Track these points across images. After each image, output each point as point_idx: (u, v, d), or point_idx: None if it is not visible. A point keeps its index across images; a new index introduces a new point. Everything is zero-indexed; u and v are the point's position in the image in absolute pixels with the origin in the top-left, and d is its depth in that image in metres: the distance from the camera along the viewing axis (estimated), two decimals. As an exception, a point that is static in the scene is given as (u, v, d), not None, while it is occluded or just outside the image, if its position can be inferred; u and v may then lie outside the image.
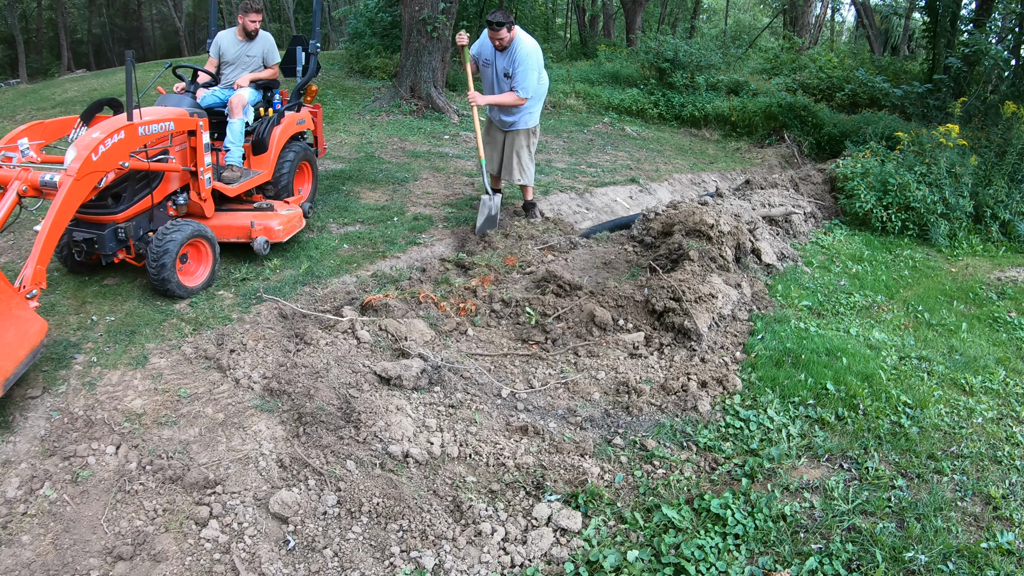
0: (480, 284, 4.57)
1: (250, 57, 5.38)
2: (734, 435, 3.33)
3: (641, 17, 20.47)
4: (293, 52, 5.66)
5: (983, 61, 10.32)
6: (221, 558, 2.53)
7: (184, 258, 4.08)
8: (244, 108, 4.94)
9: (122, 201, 3.97)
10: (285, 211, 4.71)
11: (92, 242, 3.89)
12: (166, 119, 4.01)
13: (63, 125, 4.09)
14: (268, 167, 5.05)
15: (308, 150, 5.58)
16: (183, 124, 4.15)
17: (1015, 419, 3.61)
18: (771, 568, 2.50)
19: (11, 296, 2.97)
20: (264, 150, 5.03)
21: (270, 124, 5.11)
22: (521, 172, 5.69)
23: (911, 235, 7.27)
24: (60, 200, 3.24)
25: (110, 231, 3.89)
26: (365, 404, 3.22)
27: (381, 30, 13.75)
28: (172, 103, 4.42)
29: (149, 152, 3.90)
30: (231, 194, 4.69)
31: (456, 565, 2.56)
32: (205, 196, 4.40)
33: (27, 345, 2.99)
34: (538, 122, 5.68)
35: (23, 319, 2.99)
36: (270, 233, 4.47)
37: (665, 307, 4.19)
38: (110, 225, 3.90)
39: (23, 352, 2.96)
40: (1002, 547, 2.58)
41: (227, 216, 4.60)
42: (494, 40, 5.18)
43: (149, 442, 2.96)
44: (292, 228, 4.68)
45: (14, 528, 2.57)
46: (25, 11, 28.85)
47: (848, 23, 34.40)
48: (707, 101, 12.56)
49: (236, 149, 4.90)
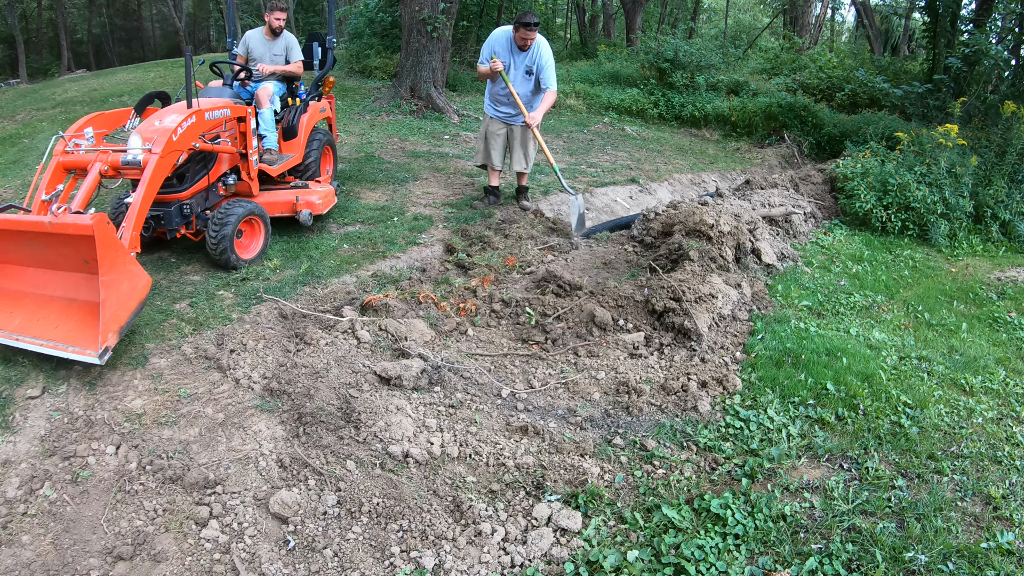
0: (480, 284, 4.57)
1: (275, 55, 5.81)
2: (734, 435, 3.33)
3: (641, 17, 20.47)
4: (310, 47, 6.11)
5: (983, 61, 10.32)
6: (221, 558, 2.53)
7: (239, 233, 4.49)
8: (271, 98, 5.34)
9: (185, 181, 4.38)
10: (321, 188, 5.29)
11: (159, 218, 4.26)
12: (224, 106, 4.52)
13: (120, 116, 4.51)
14: (299, 151, 5.56)
15: (330, 135, 6.16)
16: (236, 111, 4.67)
17: (1015, 419, 3.61)
18: (771, 568, 2.50)
19: (125, 253, 3.32)
20: (294, 136, 5.52)
21: (298, 112, 5.59)
22: (527, 162, 6.05)
23: (911, 235, 7.27)
24: (149, 174, 3.68)
25: (176, 208, 4.29)
26: (365, 404, 3.22)
27: (381, 30, 13.76)
28: (214, 95, 4.78)
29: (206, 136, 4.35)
30: (274, 174, 5.20)
31: (456, 565, 2.56)
32: (253, 176, 4.91)
33: (137, 297, 3.36)
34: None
35: (134, 274, 3.35)
36: (312, 207, 5.01)
37: (665, 307, 4.19)
38: (175, 203, 4.30)
39: (134, 303, 3.34)
40: (1002, 547, 2.58)
41: (272, 194, 5.11)
42: (523, 40, 5.50)
43: (149, 442, 2.96)
44: (328, 202, 5.26)
45: (14, 528, 2.57)
46: (25, 11, 28.85)
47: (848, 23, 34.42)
48: (707, 101, 12.56)
49: (271, 135, 5.30)
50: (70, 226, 3.16)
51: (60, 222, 3.18)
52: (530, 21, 5.43)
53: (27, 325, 3.39)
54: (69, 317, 3.38)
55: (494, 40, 5.68)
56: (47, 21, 29.98)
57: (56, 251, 3.38)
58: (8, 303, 3.52)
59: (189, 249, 4.78)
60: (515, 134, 5.93)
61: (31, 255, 3.51)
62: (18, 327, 3.39)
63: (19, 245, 3.47)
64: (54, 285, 3.51)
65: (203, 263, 4.59)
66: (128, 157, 3.79)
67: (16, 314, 3.47)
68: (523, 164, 6.03)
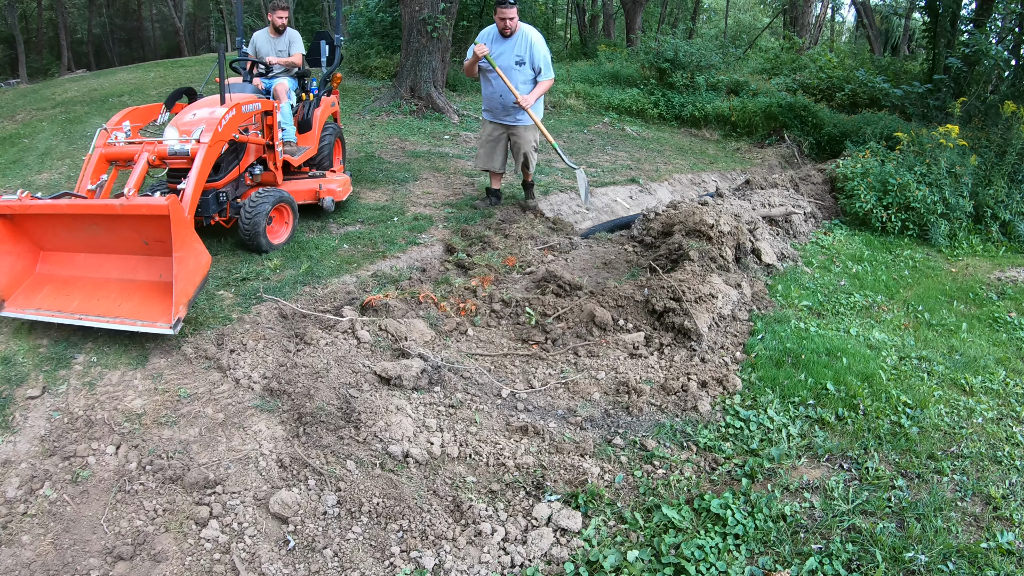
0: (480, 284, 4.57)
1: (280, 51, 6.12)
2: (734, 435, 3.32)
3: (641, 17, 20.47)
4: (317, 45, 6.37)
5: (983, 61, 10.31)
6: (221, 558, 2.53)
7: (269, 220, 4.73)
8: (287, 93, 5.58)
9: (220, 171, 4.61)
10: (339, 177, 5.72)
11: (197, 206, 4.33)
12: (255, 101, 4.86)
13: (152, 111, 4.81)
14: (314, 143, 5.84)
15: (339, 128, 6.46)
16: (266, 105, 5.01)
17: (1015, 419, 3.61)
18: (771, 568, 2.50)
19: (193, 232, 3.55)
20: (309, 129, 5.82)
21: (311, 107, 5.89)
22: (531, 162, 5.93)
23: (911, 235, 7.27)
24: (200, 162, 3.97)
25: (212, 196, 4.51)
26: (365, 404, 3.22)
27: (381, 30, 13.76)
28: (236, 91, 5.04)
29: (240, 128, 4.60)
30: (295, 164, 5.52)
31: (456, 565, 2.56)
32: (278, 166, 5.20)
33: (201, 272, 3.57)
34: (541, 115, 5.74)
35: (199, 251, 3.55)
36: (334, 194, 5.39)
37: (665, 307, 4.19)
38: (212, 191, 4.52)
39: (199, 279, 3.54)
40: (1002, 547, 2.58)
41: (295, 183, 5.42)
42: (503, 22, 5.31)
43: (149, 442, 2.96)
44: (347, 190, 5.65)
45: (14, 528, 2.57)
46: (25, 11, 28.85)
47: (848, 23, 34.42)
48: (707, 101, 12.56)
49: (290, 128, 5.52)
50: (143, 207, 3.37)
51: (133, 203, 3.38)
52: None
53: (87, 306, 3.56)
54: (130, 296, 3.58)
55: (479, 36, 5.58)
56: (47, 21, 29.97)
57: (116, 234, 3.59)
58: (63, 287, 3.69)
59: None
60: (513, 136, 5.78)
61: (85, 240, 3.70)
62: (78, 308, 3.56)
63: (74, 231, 3.65)
64: (108, 268, 3.71)
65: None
66: (175, 147, 4.06)
67: (73, 296, 3.63)
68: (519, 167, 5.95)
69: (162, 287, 3.57)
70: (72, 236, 3.71)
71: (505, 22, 5.31)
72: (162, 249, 3.55)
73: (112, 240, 3.64)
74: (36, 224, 3.69)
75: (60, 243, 3.78)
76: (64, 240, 3.75)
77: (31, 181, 6.20)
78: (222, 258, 4.68)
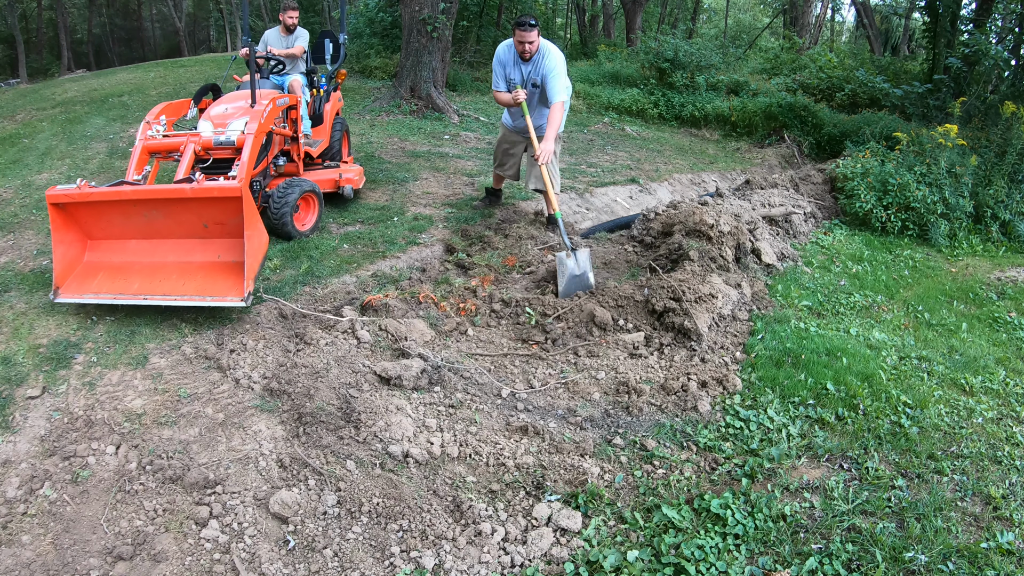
0: (480, 284, 4.57)
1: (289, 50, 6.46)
2: (734, 435, 3.32)
3: (641, 17, 20.47)
4: (322, 43, 6.59)
5: (983, 61, 10.32)
6: (221, 558, 2.53)
7: (296, 208, 4.92)
8: (302, 88, 5.83)
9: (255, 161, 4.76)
10: (354, 167, 6.07)
11: None
12: (284, 96, 5.18)
13: (182, 106, 5.08)
14: (326, 136, 6.13)
15: (345, 122, 6.73)
16: (293, 100, 5.30)
17: (1015, 419, 3.61)
18: (771, 568, 2.50)
19: (257, 213, 3.82)
20: (321, 122, 6.06)
21: (322, 101, 6.14)
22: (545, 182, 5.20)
23: (911, 235, 7.27)
24: (249, 150, 4.21)
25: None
26: (365, 404, 3.22)
27: (381, 30, 13.76)
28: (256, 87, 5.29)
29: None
30: (315, 155, 5.85)
31: (456, 565, 2.56)
32: (301, 157, 5.49)
33: (263, 250, 3.90)
34: (561, 130, 5.32)
35: (261, 231, 3.86)
36: (352, 182, 5.73)
37: (665, 307, 4.19)
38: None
39: (261, 256, 3.86)
40: (1002, 547, 2.58)
41: (316, 173, 5.67)
42: (524, 44, 4.87)
43: (149, 442, 2.96)
44: (362, 179, 6.01)
45: (14, 528, 2.57)
46: (25, 11, 28.85)
47: (848, 23, 34.41)
48: (707, 101, 12.56)
49: (306, 121, 5.72)
50: (215, 190, 3.63)
51: (205, 187, 3.63)
52: (524, 21, 4.82)
53: (149, 287, 3.72)
54: (191, 276, 3.76)
55: (501, 54, 5.10)
56: (47, 21, 29.97)
57: (175, 219, 3.79)
58: (118, 273, 3.84)
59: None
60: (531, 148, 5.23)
61: (139, 227, 3.86)
62: (139, 289, 3.71)
63: (129, 218, 3.81)
64: (163, 252, 3.90)
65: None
66: (221, 138, 4.36)
67: (132, 280, 3.78)
68: (535, 184, 5.36)
69: (221, 267, 3.80)
70: (126, 223, 3.86)
71: (524, 46, 4.88)
72: (221, 231, 3.82)
73: (169, 225, 3.83)
74: (89, 213, 3.81)
75: (112, 231, 3.91)
76: (117, 228, 3.89)
77: (31, 181, 6.20)
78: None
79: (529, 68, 5.03)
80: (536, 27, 4.87)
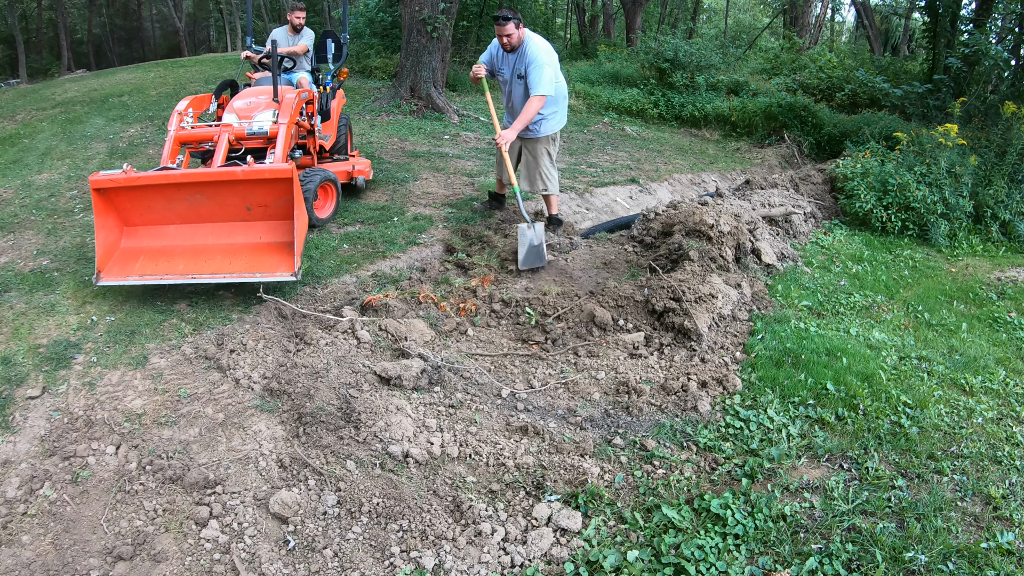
0: (480, 284, 4.57)
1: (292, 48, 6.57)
2: (734, 435, 3.32)
3: (641, 17, 20.47)
4: (324, 43, 6.72)
5: (983, 61, 10.32)
6: (221, 558, 2.53)
7: (316, 195, 5.11)
8: (309, 85, 5.99)
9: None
10: (363, 159, 6.44)
11: None
12: (305, 90, 5.39)
13: (204, 100, 5.29)
14: (333, 131, 6.28)
15: (349, 118, 6.97)
16: (311, 95, 5.53)
17: (1015, 419, 3.61)
18: (771, 568, 2.50)
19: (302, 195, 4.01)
20: (328, 118, 6.21)
21: (328, 98, 6.26)
22: (544, 180, 5.39)
23: (911, 235, 7.27)
24: (283, 139, 4.53)
25: None
26: (365, 404, 3.22)
27: (381, 30, 13.76)
28: (267, 83, 5.60)
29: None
30: (327, 147, 6.09)
31: (456, 565, 2.56)
32: (316, 149, 5.71)
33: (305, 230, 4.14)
34: (558, 130, 5.39)
35: (304, 211, 4.04)
36: (364, 173, 6.06)
37: (665, 307, 4.19)
38: None
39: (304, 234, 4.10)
40: (1002, 547, 2.58)
41: (330, 166, 5.88)
42: (502, 38, 4.94)
43: (149, 442, 2.96)
44: (371, 171, 6.30)
45: (14, 528, 2.57)
46: (25, 11, 28.84)
47: (848, 23, 34.42)
48: (707, 101, 12.56)
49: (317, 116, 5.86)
50: (267, 171, 3.82)
51: (256, 169, 3.81)
52: (499, 15, 4.84)
53: (195, 267, 3.85)
54: (236, 256, 3.92)
55: (492, 46, 5.22)
56: (47, 21, 29.97)
57: (219, 201, 3.94)
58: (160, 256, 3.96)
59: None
60: (523, 149, 5.40)
61: (180, 212, 3.99)
62: (184, 269, 3.84)
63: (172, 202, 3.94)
64: (204, 236, 4.04)
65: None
66: (254, 128, 4.61)
67: (177, 262, 3.91)
68: (540, 184, 5.39)
69: (265, 247, 3.99)
70: (168, 208, 3.97)
71: (503, 39, 4.95)
72: (263, 214, 4.00)
73: (212, 208, 3.97)
74: (131, 198, 3.91)
75: (152, 217, 4.02)
76: (157, 213, 4.00)
77: (31, 181, 6.20)
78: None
79: (514, 59, 5.10)
80: (511, 20, 4.87)
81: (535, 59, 4.90)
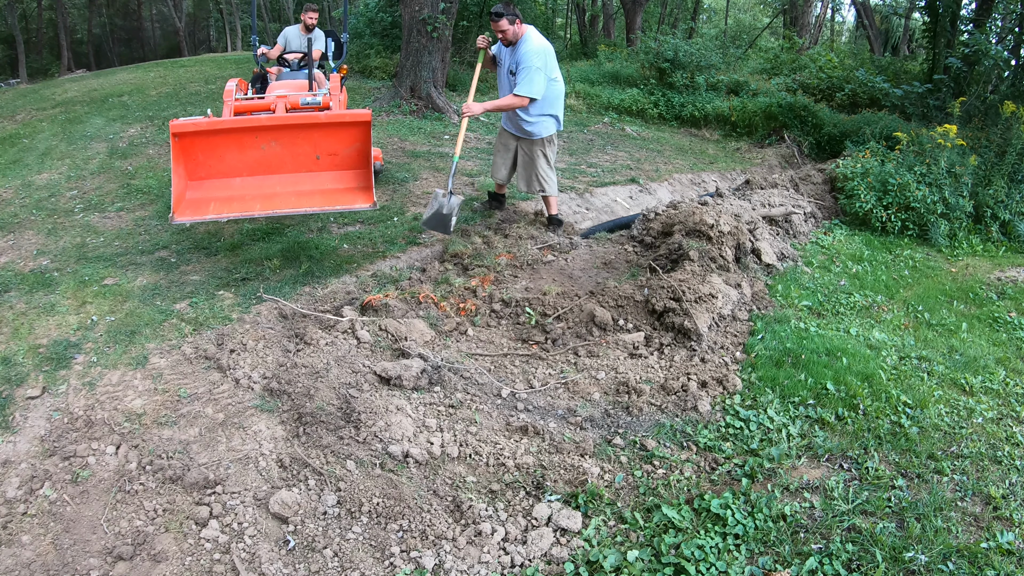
0: (480, 284, 4.57)
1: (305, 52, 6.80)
2: (734, 435, 3.32)
3: (641, 17, 20.46)
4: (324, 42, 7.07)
5: (983, 61, 10.31)
6: (221, 558, 2.53)
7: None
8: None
9: None
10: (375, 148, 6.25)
11: None
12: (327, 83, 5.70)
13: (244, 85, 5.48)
14: None
15: None
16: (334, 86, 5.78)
17: (1015, 419, 3.61)
18: (771, 568, 2.50)
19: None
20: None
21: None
22: (541, 182, 5.37)
23: (911, 235, 7.26)
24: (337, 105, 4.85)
25: None
26: (365, 404, 3.21)
27: (381, 30, 13.75)
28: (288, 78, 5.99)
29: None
30: None
31: (456, 565, 2.56)
32: None
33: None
34: (554, 131, 5.35)
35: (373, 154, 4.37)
36: (379, 159, 6.49)
37: (665, 307, 4.19)
38: None
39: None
40: (1002, 547, 2.58)
41: None
42: (497, 33, 4.93)
43: (149, 442, 2.97)
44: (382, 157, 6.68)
45: (14, 528, 2.57)
46: (25, 11, 28.84)
47: (848, 23, 34.42)
48: (707, 101, 12.55)
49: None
50: (348, 115, 4.13)
51: (337, 113, 4.10)
52: (493, 11, 4.83)
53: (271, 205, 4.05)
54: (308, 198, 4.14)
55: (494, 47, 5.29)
56: (47, 21, 29.97)
57: (291, 150, 4.16)
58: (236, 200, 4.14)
59: (189, 249, 4.79)
60: (519, 149, 5.38)
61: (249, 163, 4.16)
62: (262, 207, 4.04)
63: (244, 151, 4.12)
64: (271, 185, 4.25)
65: (203, 263, 4.59)
66: (308, 99, 4.86)
67: (253, 204, 4.09)
68: (536, 185, 5.37)
69: (335, 191, 4.25)
70: (239, 157, 4.14)
71: (497, 33, 4.93)
72: (330, 163, 4.24)
73: (283, 157, 4.19)
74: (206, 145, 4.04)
75: (221, 168, 4.21)
76: (227, 164, 4.15)
77: (31, 181, 6.20)
78: (222, 258, 4.69)
79: (509, 54, 5.05)
80: (504, 16, 4.82)
81: (524, 61, 4.87)
